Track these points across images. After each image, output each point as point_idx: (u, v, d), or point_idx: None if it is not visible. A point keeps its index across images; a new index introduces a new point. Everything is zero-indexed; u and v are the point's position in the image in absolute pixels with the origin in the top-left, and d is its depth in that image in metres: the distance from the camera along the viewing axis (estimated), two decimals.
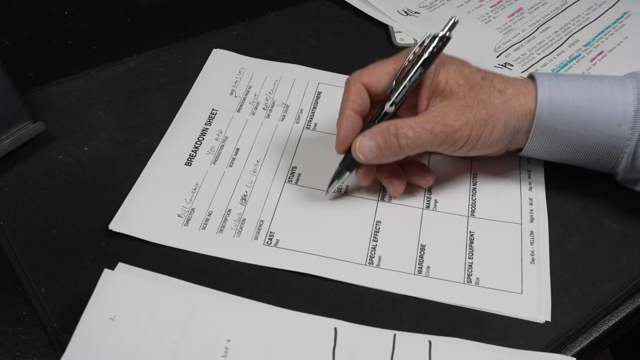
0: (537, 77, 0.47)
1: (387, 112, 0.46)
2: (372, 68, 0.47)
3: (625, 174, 0.48)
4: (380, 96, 0.47)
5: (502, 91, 0.46)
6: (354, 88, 0.47)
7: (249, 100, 0.58)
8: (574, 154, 0.48)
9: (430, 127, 0.45)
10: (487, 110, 0.45)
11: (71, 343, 0.39)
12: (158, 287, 0.42)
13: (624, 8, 0.72)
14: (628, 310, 0.45)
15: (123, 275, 0.43)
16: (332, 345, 0.41)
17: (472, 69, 0.47)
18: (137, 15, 0.67)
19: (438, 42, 0.45)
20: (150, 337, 0.40)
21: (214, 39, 0.64)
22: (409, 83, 0.45)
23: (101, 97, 0.57)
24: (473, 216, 0.49)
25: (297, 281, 0.45)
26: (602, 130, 0.46)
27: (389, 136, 0.45)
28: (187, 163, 0.52)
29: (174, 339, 0.40)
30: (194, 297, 0.42)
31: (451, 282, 0.45)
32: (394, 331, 0.42)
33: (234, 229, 0.47)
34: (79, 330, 0.39)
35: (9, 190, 0.49)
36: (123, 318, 0.40)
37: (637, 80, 0.46)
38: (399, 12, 0.69)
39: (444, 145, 0.46)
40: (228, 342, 0.40)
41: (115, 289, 0.42)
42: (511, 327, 0.43)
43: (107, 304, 0.41)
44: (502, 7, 0.72)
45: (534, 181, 0.52)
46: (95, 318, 0.40)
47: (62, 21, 0.66)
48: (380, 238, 0.48)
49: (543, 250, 0.47)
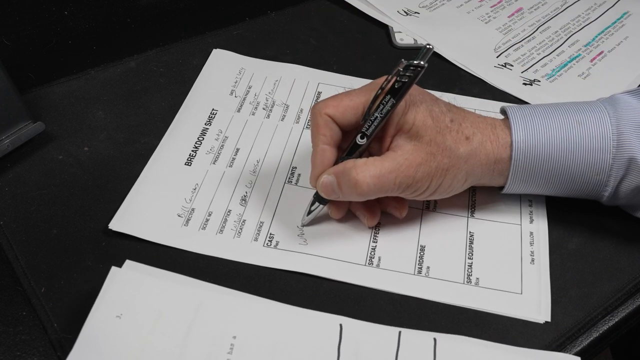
0: (511, 117, 0.46)
1: (359, 144, 0.45)
2: (338, 99, 0.45)
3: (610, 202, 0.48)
4: (347, 127, 0.45)
5: (469, 138, 0.45)
6: (320, 120, 0.45)
7: (249, 100, 0.58)
8: (556, 191, 0.48)
9: (393, 177, 0.43)
10: (449, 160, 0.44)
11: (78, 341, 0.39)
12: (165, 285, 0.42)
13: (624, 8, 0.72)
14: (628, 310, 0.45)
15: (131, 273, 0.43)
16: (338, 342, 0.41)
17: (442, 109, 0.45)
18: (137, 15, 0.67)
19: (412, 70, 0.42)
20: (156, 333, 0.40)
21: (214, 39, 0.64)
22: (381, 115, 0.43)
23: (101, 97, 0.57)
24: (473, 217, 0.49)
25: (297, 281, 0.45)
26: (581, 177, 0.46)
27: (349, 180, 0.43)
28: (187, 163, 0.52)
29: (180, 336, 0.40)
30: (200, 294, 0.42)
31: (451, 282, 0.45)
32: (399, 328, 0.42)
33: (234, 229, 0.47)
34: (86, 328, 0.39)
35: (9, 190, 0.49)
36: (130, 316, 0.40)
37: (617, 116, 0.45)
38: (399, 12, 0.69)
39: (404, 193, 0.44)
40: (234, 339, 0.40)
41: (123, 287, 0.42)
42: (511, 327, 0.43)
43: (115, 302, 0.41)
44: (502, 7, 0.72)
45: None
46: (102, 316, 0.40)
47: (62, 21, 0.66)
48: (380, 238, 0.48)
49: (543, 251, 0.47)
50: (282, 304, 0.42)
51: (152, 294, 0.42)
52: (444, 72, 0.62)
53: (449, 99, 0.56)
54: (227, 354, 0.39)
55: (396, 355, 0.40)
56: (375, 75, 0.60)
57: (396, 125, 0.44)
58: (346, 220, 0.49)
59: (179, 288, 0.42)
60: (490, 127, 0.46)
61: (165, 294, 0.42)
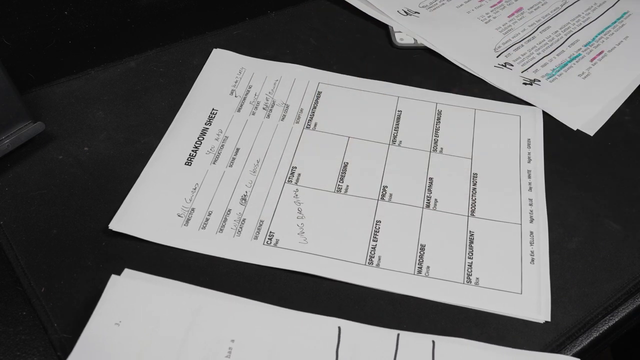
0: None
1: None
2: None
3: None
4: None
5: None
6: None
7: (249, 100, 0.58)
8: None
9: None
10: None
11: (75, 348, 0.39)
12: (164, 292, 0.42)
13: (624, 8, 0.72)
14: (628, 310, 0.45)
15: (130, 281, 0.43)
16: (336, 345, 0.41)
17: None
18: (137, 15, 0.67)
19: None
20: (154, 339, 0.40)
21: (214, 39, 0.64)
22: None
23: (101, 97, 0.57)
24: (473, 216, 0.49)
25: (297, 281, 0.45)
26: None
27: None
28: (187, 163, 0.52)
29: (178, 341, 0.40)
30: (198, 299, 0.42)
31: (451, 282, 0.45)
32: (397, 331, 0.42)
33: (234, 228, 0.47)
34: (85, 335, 0.39)
35: (9, 190, 0.49)
36: (129, 323, 0.40)
37: None
38: (399, 12, 0.69)
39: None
40: (232, 342, 0.40)
41: (122, 295, 0.42)
42: (511, 326, 0.43)
43: (114, 310, 0.41)
44: (502, 7, 0.72)
45: (533, 181, 0.52)
46: (101, 323, 0.40)
47: (62, 21, 0.66)
48: (380, 238, 0.48)
49: (543, 251, 0.47)
50: (280, 307, 0.42)
51: (151, 301, 0.42)
52: (444, 72, 0.62)
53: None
54: (225, 357, 0.39)
55: (394, 357, 0.40)
56: (376, 75, 0.61)
57: None
58: (346, 220, 0.49)
59: (177, 294, 0.42)
60: None
61: (163, 300, 0.42)
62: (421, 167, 0.53)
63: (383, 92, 0.59)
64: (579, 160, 0.54)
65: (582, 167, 0.54)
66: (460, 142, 0.55)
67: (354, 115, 0.57)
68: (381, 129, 0.56)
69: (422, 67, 0.63)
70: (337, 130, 0.56)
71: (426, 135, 0.56)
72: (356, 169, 0.52)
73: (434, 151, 0.54)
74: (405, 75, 0.61)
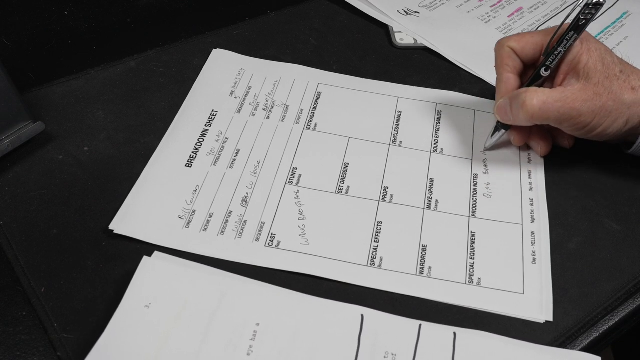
0: None
1: (541, 76, 0.50)
2: (520, 35, 0.52)
3: None
4: (525, 61, 0.52)
5: (634, 88, 0.48)
6: (504, 52, 0.51)
7: (249, 101, 0.58)
8: None
9: (559, 105, 0.47)
10: (614, 103, 0.47)
11: (106, 331, 0.40)
12: (191, 274, 0.43)
13: (624, 8, 0.73)
14: (628, 310, 0.45)
15: (160, 263, 0.44)
16: (358, 332, 0.41)
17: (614, 60, 0.49)
18: (137, 15, 0.67)
19: (591, 8, 0.47)
20: (182, 322, 0.41)
21: (214, 39, 0.64)
22: (563, 48, 0.49)
23: (101, 97, 0.57)
24: (474, 216, 0.49)
25: (298, 282, 0.45)
26: None
27: (518, 102, 0.49)
28: (188, 164, 0.52)
29: (205, 322, 0.41)
30: (225, 283, 0.43)
31: (453, 282, 0.45)
32: (419, 321, 0.42)
33: (235, 230, 0.47)
34: (116, 318, 0.40)
35: (9, 190, 0.49)
36: (158, 305, 0.41)
37: None
38: (399, 12, 0.69)
39: (566, 124, 0.49)
40: (257, 326, 0.41)
41: (153, 277, 0.43)
42: (511, 326, 0.43)
43: (145, 292, 0.42)
44: (502, 7, 0.72)
45: (534, 181, 0.52)
46: (132, 306, 0.41)
47: (62, 21, 0.66)
48: (381, 239, 0.48)
49: (544, 251, 0.47)
50: (304, 294, 0.43)
51: (180, 283, 0.43)
52: (444, 72, 0.62)
53: None
54: (249, 340, 0.40)
55: (415, 347, 0.41)
56: (376, 75, 0.61)
57: (570, 64, 0.49)
58: (348, 221, 0.48)
59: (205, 277, 0.43)
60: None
61: (192, 283, 0.43)
62: (422, 168, 0.53)
63: (383, 93, 0.59)
64: (579, 161, 0.54)
65: (582, 167, 0.54)
66: (460, 142, 0.55)
67: (354, 116, 0.57)
68: (381, 129, 0.56)
69: (422, 67, 0.63)
70: (338, 130, 0.56)
71: (426, 135, 0.56)
72: (357, 170, 0.52)
73: (434, 152, 0.54)
74: (405, 75, 0.61)
